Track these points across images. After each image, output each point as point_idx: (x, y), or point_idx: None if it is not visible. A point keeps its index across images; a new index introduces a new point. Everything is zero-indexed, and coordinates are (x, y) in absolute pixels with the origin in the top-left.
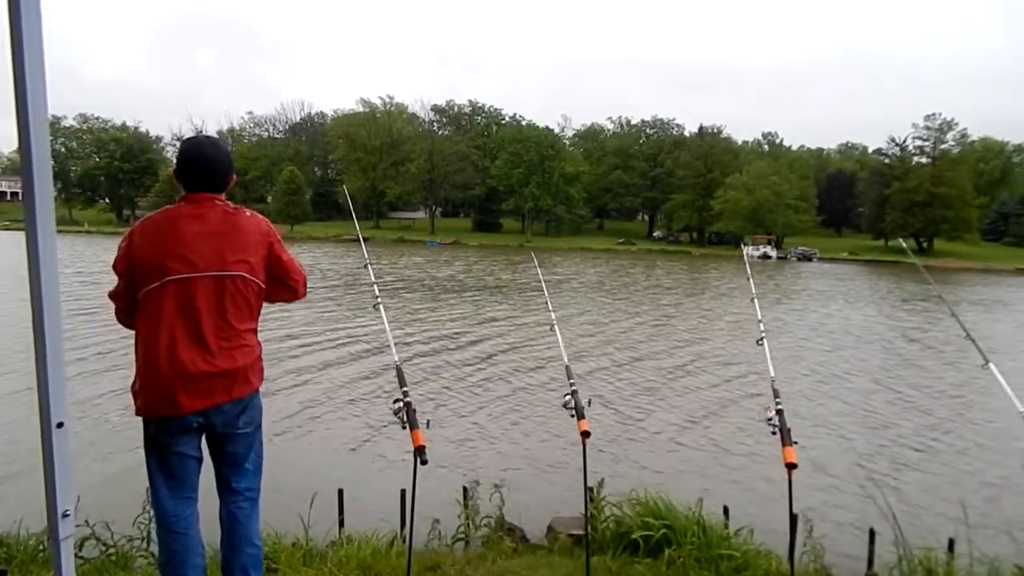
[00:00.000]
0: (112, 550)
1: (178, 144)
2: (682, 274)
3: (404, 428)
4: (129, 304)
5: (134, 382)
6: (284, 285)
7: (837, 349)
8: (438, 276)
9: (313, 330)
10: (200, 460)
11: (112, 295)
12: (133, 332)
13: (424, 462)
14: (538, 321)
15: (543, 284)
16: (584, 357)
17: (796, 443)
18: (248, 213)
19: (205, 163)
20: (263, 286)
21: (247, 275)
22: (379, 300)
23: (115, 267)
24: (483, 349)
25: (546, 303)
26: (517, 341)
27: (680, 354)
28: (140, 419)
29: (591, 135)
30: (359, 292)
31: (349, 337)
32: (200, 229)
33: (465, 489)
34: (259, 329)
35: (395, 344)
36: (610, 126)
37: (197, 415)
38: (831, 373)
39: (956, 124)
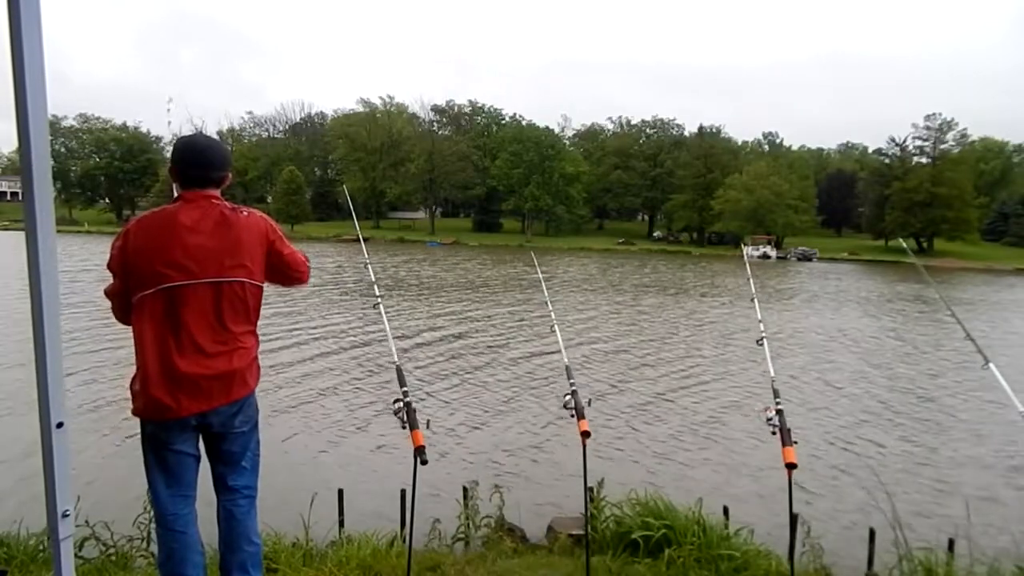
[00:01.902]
0: (112, 550)
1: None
2: (678, 274)
3: (404, 428)
4: (125, 303)
5: (133, 381)
6: (287, 277)
7: (835, 349)
8: (434, 276)
9: (311, 330)
10: (198, 458)
11: (108, 293)
12: (130, 328)
13: (424, 462)
14: (537, 321)
15: (543, 285)
16: (576, 356)
17: (796, 443)
18: (246, 212)
19: (199, 157)
20: (262, 287)
21: (245, 280)
22: (379, 300)
23: (110, 266)
24: (481, 348)
25: (546, 303)
26: (515, 341)
27: (677, 354)
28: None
29: (591, 135)
30: (358, 292)
31: (347, 337)
32: (197, 233)
33: (465, 489)
34: (258, 328)
35: (393, 343)
36: (610, 126)
37: (194, 416)
38: (830, 373)
39: (956, 124)
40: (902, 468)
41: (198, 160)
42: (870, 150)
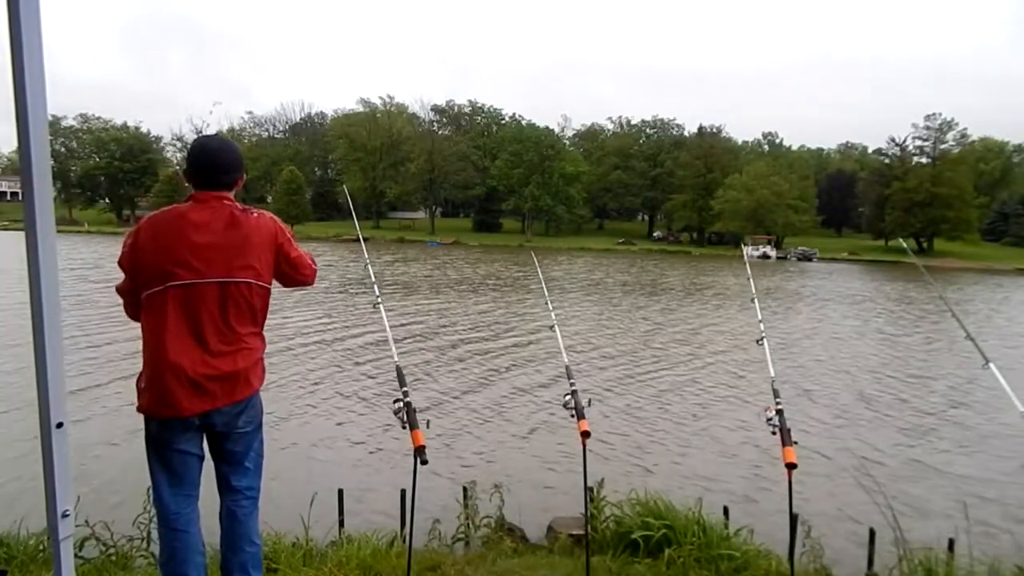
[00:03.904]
0: (112, 550)
1: (178, 144)
2: (677, 274)
3: (404, 428)
4: (135, 300)
5: (139, 378)
6: (294, 279)
7: (834, 349)
8: (434, 276)
9: (309, 329)
10: (201, 458)
11: (118, 290)
12: (139, 327)
13: (424, 462)
14: (536, 321)
15: (543, 285)
16: (574, 356)
17: (796, 443)
18: (256, 214)
19: (211, 159)
20: (269, 288)
21: (253, 281)
22: (379, 300)
23: (120, 263)
24: (480, 348)
25: (546, 303)
26: (514, 340)
27: (675, 354)
28: (141, 416)
29: (591, 135)
30: (357, 292)
31: (347, 336)
32: (206, 233)
33: (465, 489)
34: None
35: (392, 342)
36: (610, 126)
37: (198, 415)
38: (829, 373)
39: (956, 124)
40: (902, 468)
41: (211, 162)
42: (870, 150)
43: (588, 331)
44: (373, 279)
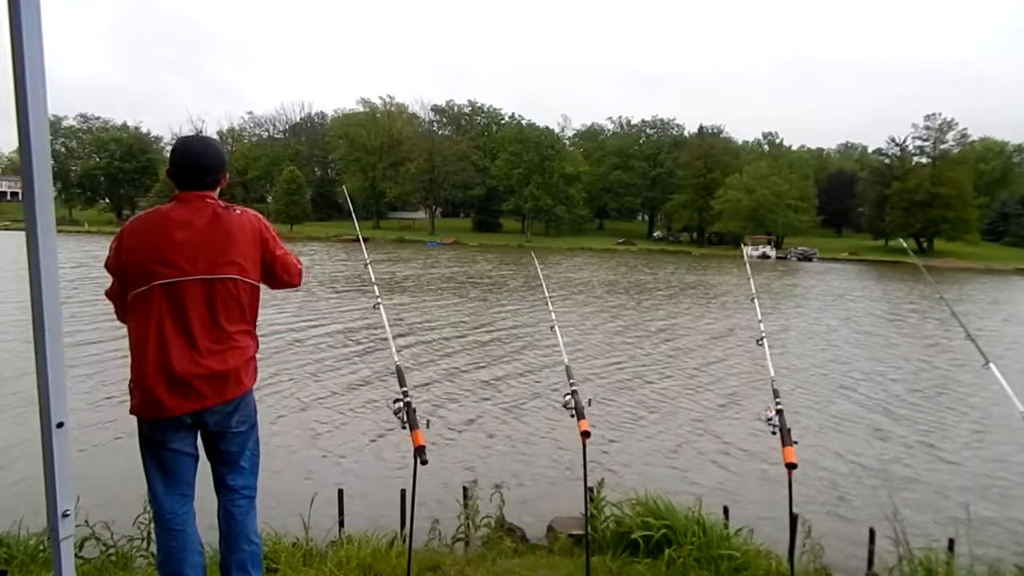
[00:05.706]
0: (112, 550)
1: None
2: (676, 273)
3: (404, 428)
4: (123, 303)
5: (130, 380)
6: (280, 279)
7: (833, 349)
8: (432, 276)
9: (309, 329)
10: (196, 457)
11: (108, 294)
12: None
13: (424, 462)
14: (535, 321)
15: (543, 285)
16: (573, 356)
17: (796, 443)
18: (239, 211)
19: (194, 160)
20: (257, 285)
21: (238, 277)
22: (379, 300)
23: (107, 267)
24: (480, 348)
25: (546, 302)
26: (513, 341)
27: (674, 355)
28: (135, 417)
29: (591, 135)
30: (357, 292)
31: (346, 336)
32: (188, 231)
33: (465, 489)
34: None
35: (392, 343)
36: (610, 126)
37: (188, 415)
38: (829, 373)
39: (956, 124)
40: (902, 468)
41: (193, 162)
42: (870, 150)
43: (582, 332)
44: (373, 280)
